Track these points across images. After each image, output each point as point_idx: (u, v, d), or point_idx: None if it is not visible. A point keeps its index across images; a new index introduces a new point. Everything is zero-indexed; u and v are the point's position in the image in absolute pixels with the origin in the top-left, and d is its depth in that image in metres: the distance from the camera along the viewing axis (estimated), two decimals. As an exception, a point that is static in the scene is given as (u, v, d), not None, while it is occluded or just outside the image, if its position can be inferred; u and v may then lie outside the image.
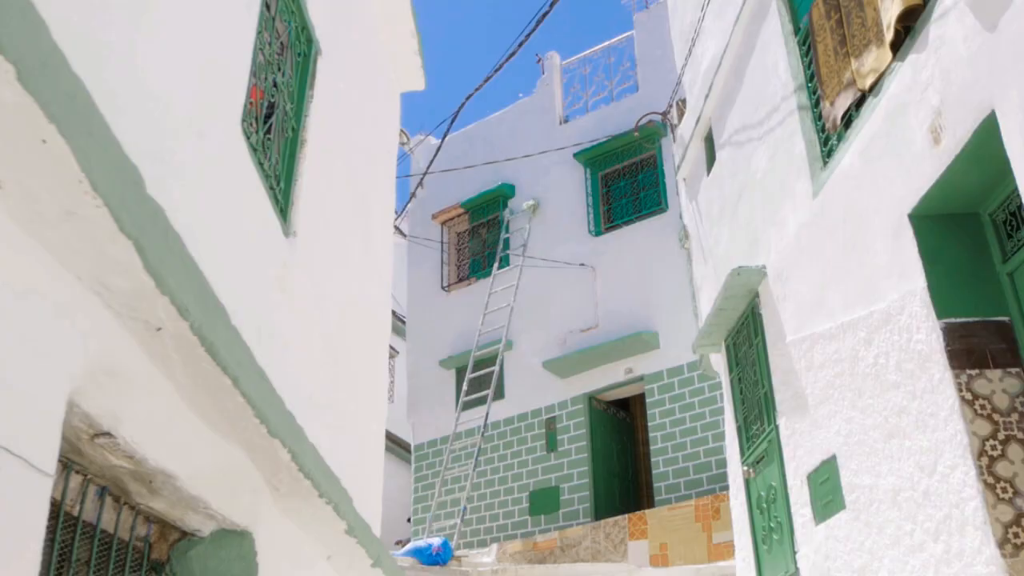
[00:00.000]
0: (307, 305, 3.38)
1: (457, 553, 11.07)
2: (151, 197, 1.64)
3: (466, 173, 14.98)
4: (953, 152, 4.08)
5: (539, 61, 15.90)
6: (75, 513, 2.08)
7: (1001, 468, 3.93)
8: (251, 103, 2.75)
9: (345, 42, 4.09)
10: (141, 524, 2.40)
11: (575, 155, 13.91)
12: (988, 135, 3.84)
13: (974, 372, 4.13)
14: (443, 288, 15.02)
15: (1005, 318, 4.23)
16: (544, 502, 12.36)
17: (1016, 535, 3.82)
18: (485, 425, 12.50)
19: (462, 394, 13.05)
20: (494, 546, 11.31)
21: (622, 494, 12.47)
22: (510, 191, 14.81)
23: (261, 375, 2.30)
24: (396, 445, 20.22)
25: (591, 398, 12.68)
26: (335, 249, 3.79)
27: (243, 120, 2.63)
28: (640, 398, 12.57)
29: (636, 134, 10.51)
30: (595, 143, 13.67)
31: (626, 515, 10.58)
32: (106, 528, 2.24)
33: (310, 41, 3.37)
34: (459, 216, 15.39)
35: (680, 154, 8.73)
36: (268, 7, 2.89)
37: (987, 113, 3.82)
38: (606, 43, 15.10)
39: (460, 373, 13.67)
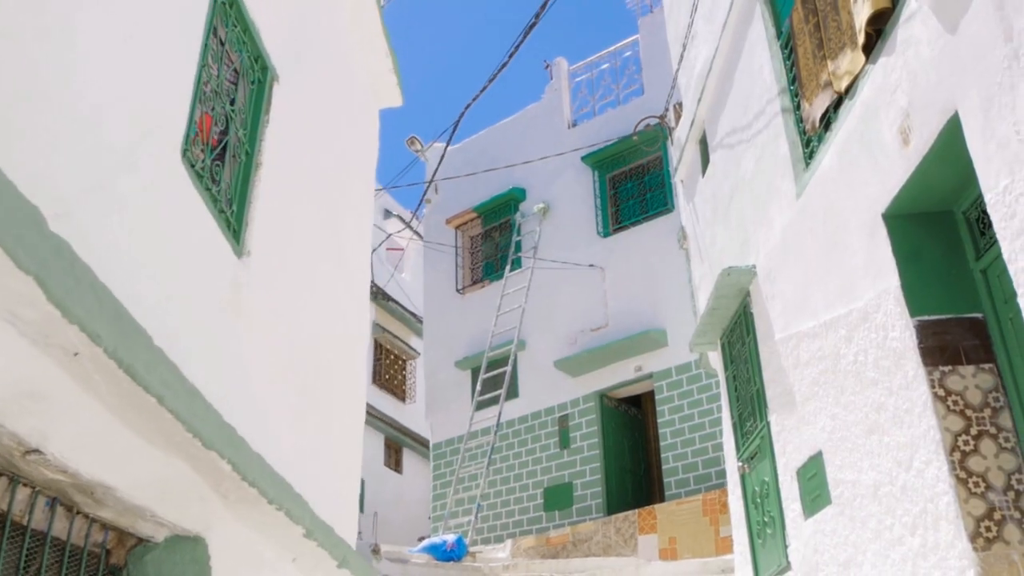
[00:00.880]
0: (269, 319, 3.41)
1: (473, 549, 11.10)
2: (53, 233, 1.68)
3: (479, 178, 15.02)
4: (921, 152, 4.06)
5: (547, 67, 15.91)
6: (24, 523, 2.14)
7: (973, 463, 3.90)
8: (199, 132, 2.79)
9: (311, 66, 4.11)
10: (98, 531, 2.46)
11: (583, 158, 13.92)
12: (953, 135, 3.81)
13: (947, 368, 4.10)
14: (458, 291, 15.07)
15: (978, 315, 4.20)
16: (558, 498, 12.37)
17: (988, 528, 3.79)
18: (498, 424, 12.53)
19: (476, 394, 13.10)
20: (509, 541, 11.34)
21: (634, 489, 12.45)
22: (521, 195, 14.83)
23: (192, 392, 2.34)
24: (420, 444, 20.33)
25: (602, 396, 12.67)
26: (300, 265, 3.82)
27: (185, 150, 2.68)
28: (651, 395, 12.55)
29: (635, 138, 10.50)
30: (602, 146, 13.66)
31: (636, 510, 10.58)
32: (60, 536, 2.29)
33: (265, 69, 3.40)
34: (472, 220, 15.44)
35: (677, 156, 8.72)
36: (215, 32, 2.92)
37: (951, 114, 3.80)
38: (612, 47, 15.10)
39: (476, 373, 13.71)
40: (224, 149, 3.01)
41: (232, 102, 3.12)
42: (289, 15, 3.83)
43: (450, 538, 10.45)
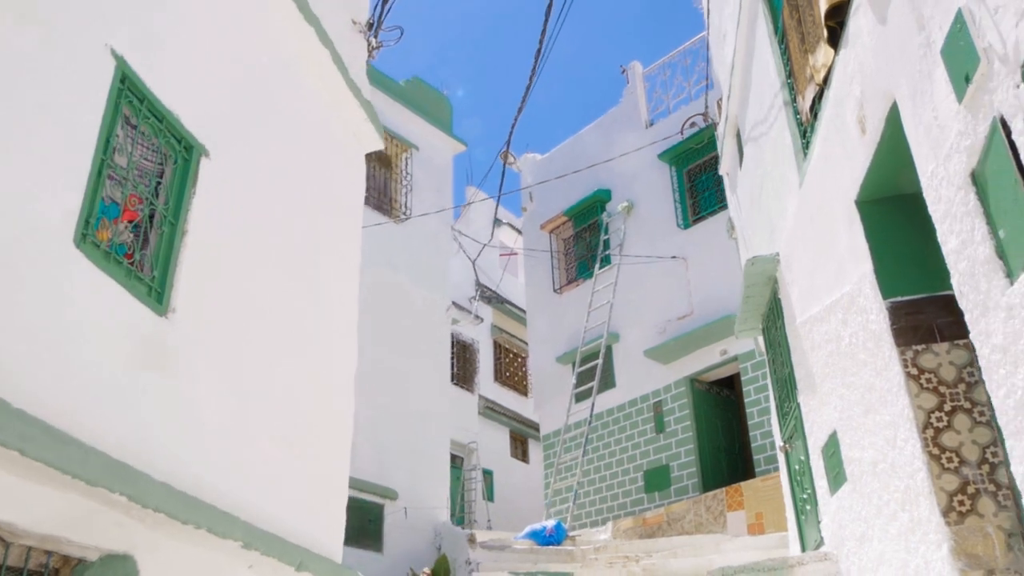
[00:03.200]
0: (215, 364, 3.66)
1: (574, 532, 11.22)
2: None
3: (568, 183, 15.12)
4: (875, 140, 3.94)
5: (623, 72, 15.82)
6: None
7: (947, 439, 3.76)
8: (123, 211, 3.07)
9: (263, 131, 4.36)
10: (42, 555, 2.77)
11: (659, 155, 13.78)
12: (896, 123, 3.70)
13: (920, 347, 3.96)
14: (555, 291, 15.21)
15: (952, 292, 4.02)
16: (657, 480, 12.32)
17: (961, 503, 3.65)
18: (591, 415, 12.59)
19: (572, 387, 13.21)
20: (610, 523, 11.39)
21: (730, 467, 12.24)
22: (607, 196, 14.82)
23: (63, 440, 2.59)
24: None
25: (692, 380, 12.53)
26: (254, 311, 4.06)
27: (84, 235, 2.97)
28: (739, 376, 12.32)
29: (681, 135, 10.33)
30: (676, 142, 13.49)
31: (724, 488, 10.43)
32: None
33: (190, 148, 3.64)
34: (564, 223, 15.55)
35: (720, 150, 8.59)
36: (129, 123, 3.19)
37: (892, 102, 3.69)
38: (682, 47, 14.87)
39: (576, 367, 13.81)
40: (143, 223, 3.30)
41: (160, 178, 3.42)
42: (228, 93, 4.08)
43: (549, 524, 10.60)
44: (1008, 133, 2.69)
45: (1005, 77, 2.68)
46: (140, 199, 3.30)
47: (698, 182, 13.49)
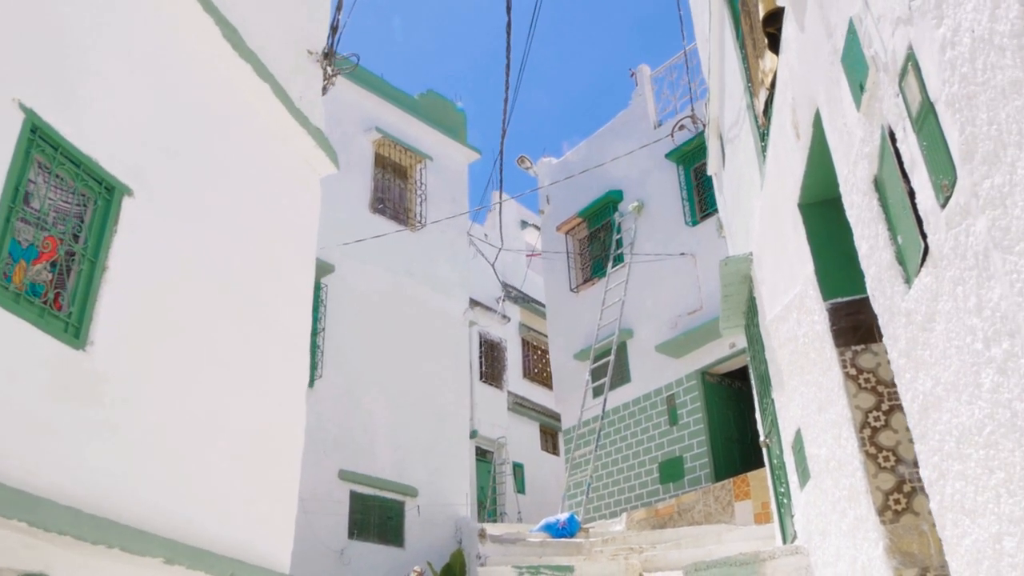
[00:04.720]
0: (146, 391, 3.71)
1: (588, 525, 11.17)
2: None
3: (582, 186, 15.07)
4: (807, 145, 3.86)
5: (632, 74, 15.68)
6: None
7: (884, 438, 3.67)
8: (40, 254, 3.14)
9: (200, 166, 4.40)
10: None
11: (666, 155, 13.62)
12: (821, 128, 3.61)
13: (859, 348, 3.87)
14: (572, 290, 15.15)
15: (891, 291, 3.92)
16: (671, 471, 12.21)
17: (897, 501, 3.56)
18: (603, 411, 12.53)
19: (586, 384, 13.15)
20: (624, 515, 11.32)
21: (742, 457, 12.07)
22: (619, 196, 14.71)
23: None
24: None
25: (703, 373, 12.38)
26: (188, 342, 4.09)
27: None
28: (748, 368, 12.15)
29: (671, 137, 10.20)
30: (683, 141, 13.33)
31: (732, 478, 10.30)
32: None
33: (111, 188, 3.69)
34: (578, 225, 15.47)
35: (709, 150, 8.47)
36: (47, 170, 3.25)
37: (816, 108, 3.61)
38: (688, 47, 14.66)
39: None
40: (59, 262, 3.35)
41: (81, 219, 3.48)
42: (158, 133, 4.13)
43: (563, 517, 10.57)
44: (894, 141, 2.62)
45: (888, 86, 2.60)
46: (57, 240, 3.37)
47: (705, 180, 13.32)
